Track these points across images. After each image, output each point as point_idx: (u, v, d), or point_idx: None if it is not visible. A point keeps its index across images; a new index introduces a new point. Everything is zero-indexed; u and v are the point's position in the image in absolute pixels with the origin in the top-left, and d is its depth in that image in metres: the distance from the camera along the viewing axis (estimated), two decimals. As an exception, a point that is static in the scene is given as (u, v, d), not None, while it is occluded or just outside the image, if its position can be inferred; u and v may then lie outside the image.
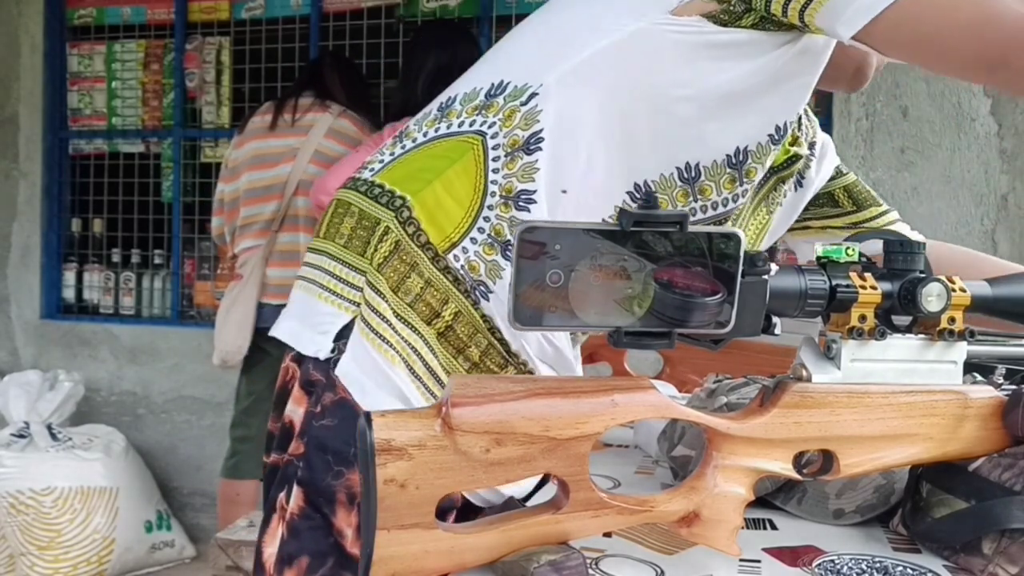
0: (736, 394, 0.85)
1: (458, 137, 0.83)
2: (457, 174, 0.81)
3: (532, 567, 0.55)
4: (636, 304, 0.55)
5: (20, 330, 3.68)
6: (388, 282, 0.79)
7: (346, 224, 0.85)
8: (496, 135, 0.81)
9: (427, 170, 0.82)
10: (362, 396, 0.78)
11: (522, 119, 0.80)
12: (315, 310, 0.84)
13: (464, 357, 0.81)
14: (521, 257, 0.53)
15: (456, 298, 0.80)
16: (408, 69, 2.39)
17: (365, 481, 0.53)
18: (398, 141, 0.89)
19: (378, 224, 0.82)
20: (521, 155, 0.80)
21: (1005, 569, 0.61)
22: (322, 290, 0.84)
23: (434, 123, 0.86)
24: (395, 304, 0.79)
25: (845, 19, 0.75)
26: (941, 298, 0.61)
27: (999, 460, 0.65)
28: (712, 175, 0.84)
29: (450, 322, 0.80)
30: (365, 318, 0.79)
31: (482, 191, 0.80)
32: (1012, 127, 2.76)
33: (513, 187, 0.80)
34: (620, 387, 0.58)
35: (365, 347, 0.79)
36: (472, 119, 0.83)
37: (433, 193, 0.81)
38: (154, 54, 3.61)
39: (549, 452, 0.56)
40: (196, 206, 3.50)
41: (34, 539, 2.85)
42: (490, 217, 0.80)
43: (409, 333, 0.79)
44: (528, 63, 0.85)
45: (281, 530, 0.81)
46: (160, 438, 3.48)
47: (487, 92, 0.84)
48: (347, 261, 0.83)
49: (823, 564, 0.65)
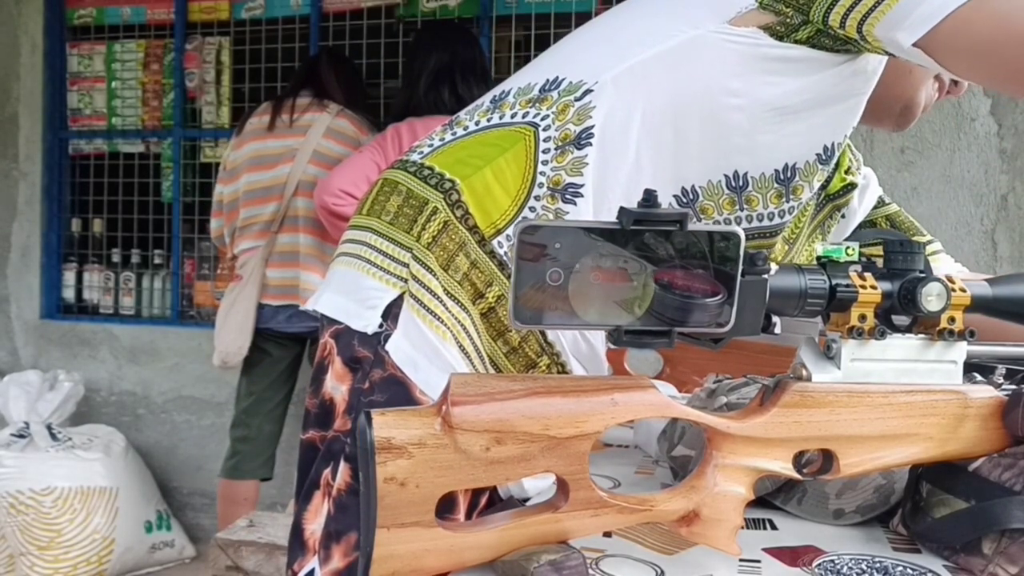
0: (736, 394, 0.85)
1: (511, 127, 0.84)
2: (508, 162, 0.82)
3: (532, 567, 0.55)
4: (636, 303, 0.55)
5: (20, 330, 3.68)
6: (438, 260, 0.80)
7: (392, 202, 0.86)
8: (548, 128, 0.82)
9: (478, 156, 0.84)
10: (414, 372, 0.79)
11: (575, 114, 0.82)
12: (362, 285, 0.84)
13: (504, 341, 0.82)
14: (521, 258, 0.53)
15: (500, 281, 0.81)
16: (410, 69, 2.39)
17: (365, 479, 0.53)
18: (448, 128, 0.90)
19: (426, 204, 0.83)
20: (572, 149, 0.81)
21: (1005, 569, 0.61)
22: (369, 265, 0.84)
23: (486, 114, 0.87)
24: (445, 281, 0.80)
25: (908, 25, 0.75)
26: (941, 298, 0.61)
27: (999, 460, 0.65)
28: (759, 187, 0.85)
29: (493, 304, 0.81)
30: (415, 294, 0.80)
31: (530, 181, 0.82)
32: (1012, 127, 2.76)
33: (561, 179, 0.81)
34: (620, 386, 0.58)
35: (416, 323, 0.79)
36: (526, 111, 0.85)
37: (483, 179, 0.82)
38: (154, 54, 3.61)
39: (549, 451, 0.56)
40: (196, 206, 3.50)
41: (34, 539, 2.85)
42: (536, 208, 0.81)
43: (459, 311, 0.80)
44: (585, 62, 0.86)
45: (327, 506, 0.81)
46: (160, 438, 3.48)
47: (541, 87, 0.86)
48: (393, 238, 0.83)
49: (823, 564, 0.65)
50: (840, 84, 0.83)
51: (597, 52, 0.87)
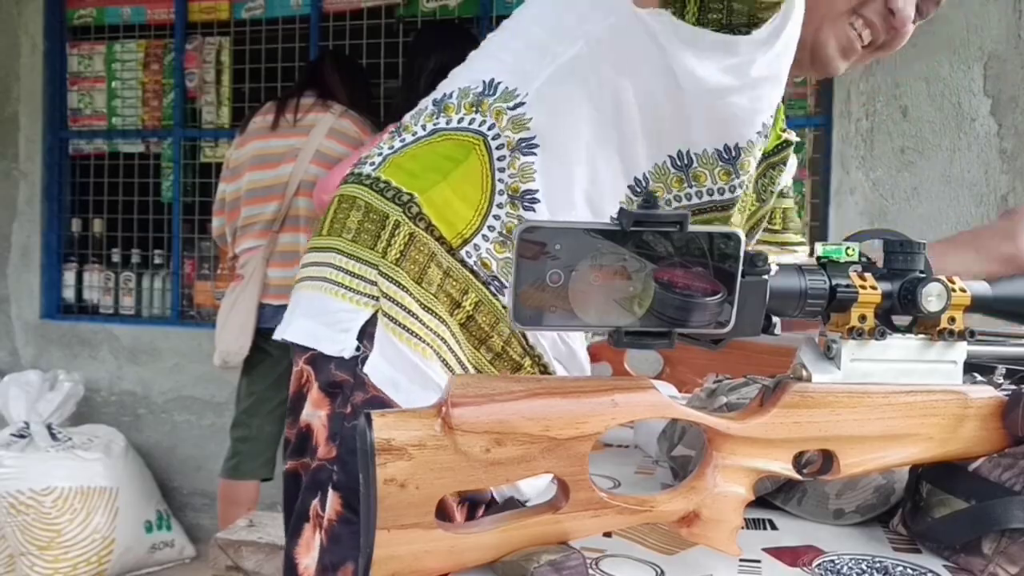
0: (736, 394, 0.85)
1: (459, 135, 0.83)
2: (464, 175, 0.81)
3: (532, 567, 0.55)
4: (636, 304, 0.55)
5: (20, 330, 3.68)
6: (409, 274, 0.79)
7: (352, 218, 0.83)
8: (497, 136, 0.81)
9: (432, 169, 0.82)
10: (395, 392, 0.77)
11: (510, 123, 0.81)
12: (330, 308, 0.82)
13: (487, 348, 0.81)
14: (521, 257, 0.53)
15: (476, 287, 0.79)
16: (410, 69, 2.39)
17: (365, 481, 0.53)
18: (396, 136, 0.88)
19: (387, 218, 0.81)
20: (519, 155, 0.80)
21: (1005, 569, 0.61)
22: (336, 287, 0.82)
23: (432, 118, 0.86)
24: (420, 295, 0.79)
25: None
26: (941, 298, 0.61)
27: (999, 460, 0.65)
28: (704, 163, 0.84)
29: (471, 312, 0.79)
30: (387, 312, 0.78)
31: (490, 190, 0.80)
32: (1012, 127, 2.75)
33: (519, 187, 0.80)
34: (620, 387, 0.58)
35: (392, 341, 0.78)
36: (471, 116, 0.83)
37: (441, 193, 0.81)
38: (154, 54, 3.61)
39: (549, 452, 0.56)
40: (196, 206, 3.50)
41: (34, 539, 2.85)
42: (500, 215, 0.80)
43: (437, 324, 0.78)
44: (515, 63, 0.84)
45: (319, 538, 0.79)
46: (160, 438, 3.48)
47: (479, 91, 0.84)
48: (358, 256, 0.81)
49: (823, 564, 0.65)
50: (764, 64, 0.80)
51: (527, 51, 0.84)
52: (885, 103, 2.85)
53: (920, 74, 2.81)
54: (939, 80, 2.80)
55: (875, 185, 2.86)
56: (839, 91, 2.88)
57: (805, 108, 3.04)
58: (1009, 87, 2.75)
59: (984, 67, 2.77)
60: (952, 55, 2.79)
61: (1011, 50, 2.75)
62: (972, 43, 2.77)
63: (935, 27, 2.79)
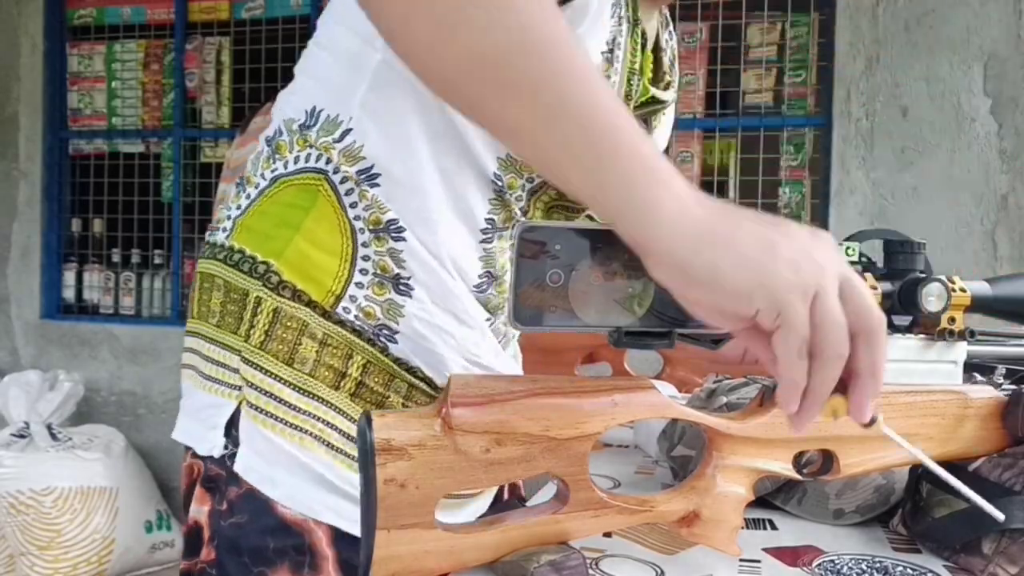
0: (736, 394, 0.85)
1: (300, 179, 0.74)
2: (316, 222, 0.72)
3: (532, 567, 0.55)
4: (636, 304, 0.55)
5: (20, 330, 3.68)
6: (278, 356, 0.71)
7: (215, 299, 0.75)
8: (337, 171, 0.73)
9: (282, 225, 0.73)
10: (272, 489, 0.70)
11: (342, 156, 0.73)
12: (197, 402, 0.76)
13: (388, 407, 0.73)
14: (521, 256, 0.53)
15: (360, 348, 0.72)
16: (408, 69, 2.39)
17: (365, 481, 0.53)
18: (242, 190, 0.79)
19: (247, 296, 0.73)
20: (365, 188, 0.72)
21: (1005, 569, 0.61)
22: (201, 377, 0.75)
23: (269, 163, 0.77)
24: (292, 378, 0.71)
25: None
26: (941, 298, 0.61)
27: (999, 460, 0.65)
28: None
29: (360, 378, 0.72)
30: (254, 403, 0.71)
31: (350, 231, 0.72)
32: (1012, 127, 2.76)
33: (379, 218, 0.72)
34: (620, 387, 0.58)
35: (263, 434, 0.71)
36: (305, 153, 0.74)
37: (297, 250, 0.72)
38: (154, 54, 3.61)
39: (549, 452, 0.56)
40: (196, 206, 3.51)
41: (34, 539, 2.85)
42: (369, 255, 0.72)
43: (317, 406, 0.71)
44: (328, 79, 0.76)
45: None
46: (160, 438, 3.48)
47: (302, 123, 0.75)
48: (221, 341, 0.74)
49: (823, 564, 0.65)
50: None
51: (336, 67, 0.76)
52: (885, 103, 2.85)
53: (920, 74, 2.81)
54: (939, 80, 2.80)
55: (875, 185, 2.86)
56: (839, 91, 2.89)
57: (805, 108, 3.05)
58: (1009, 87, 2.75)
59: (984, 67, 2.77)
60: (952, 55, 2.79)
61: (1011, 50, 2.75)
62: (972, 43, 2.77)
63: (935, 27, 2.80)
